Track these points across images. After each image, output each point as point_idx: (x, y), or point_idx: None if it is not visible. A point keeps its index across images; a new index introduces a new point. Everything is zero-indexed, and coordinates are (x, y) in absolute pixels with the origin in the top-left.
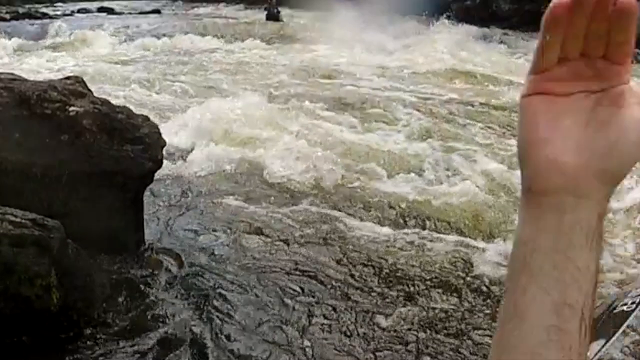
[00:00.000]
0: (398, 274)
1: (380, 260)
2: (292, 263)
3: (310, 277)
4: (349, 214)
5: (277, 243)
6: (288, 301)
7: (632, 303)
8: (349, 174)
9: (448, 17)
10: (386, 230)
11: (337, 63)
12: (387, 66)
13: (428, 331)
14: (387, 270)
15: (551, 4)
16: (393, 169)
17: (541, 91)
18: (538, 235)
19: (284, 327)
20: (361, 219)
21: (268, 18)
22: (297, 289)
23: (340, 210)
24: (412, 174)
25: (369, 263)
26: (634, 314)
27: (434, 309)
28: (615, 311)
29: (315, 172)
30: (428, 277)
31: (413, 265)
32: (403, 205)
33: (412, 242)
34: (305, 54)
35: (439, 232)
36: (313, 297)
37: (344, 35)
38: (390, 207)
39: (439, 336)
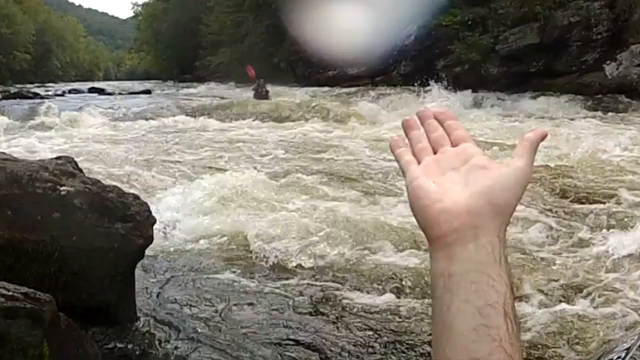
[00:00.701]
0: (400, 342)
1: (381, 328)
2: (287, 333)
3: (305, 346)
4: (351, 287)
5: (272, 313)
6: None
7: (618, 357)
8: (351, 248)
9: (438, 84)
10: (389, 298)
11: (330, 137)
12: (381, 138)
13: None
14: (387, 338)
15: (390, 140)
16: (398, 242)
17: (419, 176)
18: (451, 264)
19: None
20: (362, 291)
21: (256, 97)
22: (293, 357)
23: (340, 283)
24: (418, 245)
25: (368, 331)
26: None
27: None
28: None
29: (313, 245)
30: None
31: (416, 334)
32: (408, 275)
33: (414, 310)
34: (297, 130)
35: None
36: None
37: (335, 110)
38: (395, 277)
39: None
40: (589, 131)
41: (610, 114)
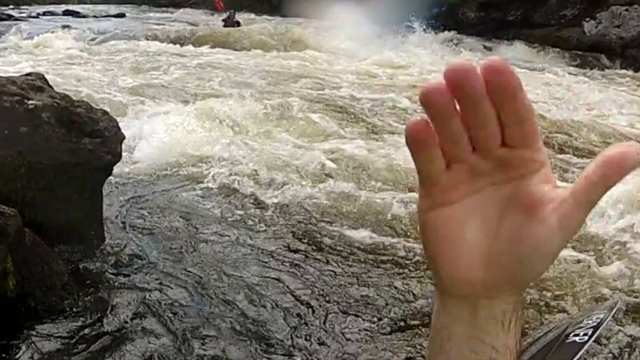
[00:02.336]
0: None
1: (369, 265)
2: (257, 263)
3: (277, 279)
4: (331, 223)
5: (242, 243)
6: (245, 293)
7: (585, 335)
8: (333, 183)
9: (411, 21)
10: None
11: (312, 69)
12: (359, 71)
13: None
14: (377, 278)
15: (407, 126)
16: (391, 180)
17: (437, 205)
18: (454, 324)
19: (242, 321)
20: (349, 228)
21: (226, 26)
22: (260, 282)
23: (321, 220)
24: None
25: (354, 267)
26: (585, 347)
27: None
28: (567, 341)
29: (295, 180)
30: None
31: (408, 274)
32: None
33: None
34: (272, 59)
35: None
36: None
37: (315, 42)
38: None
39: None
40: (578, 86)
41: (592, 71)
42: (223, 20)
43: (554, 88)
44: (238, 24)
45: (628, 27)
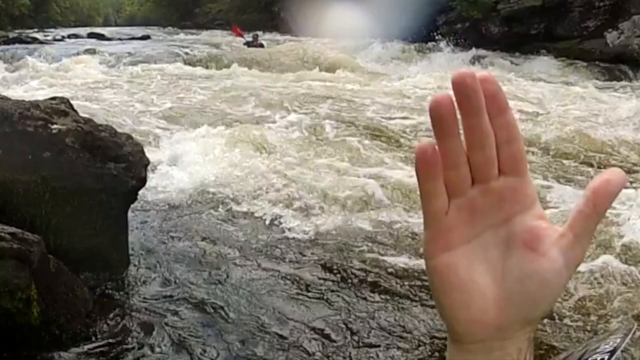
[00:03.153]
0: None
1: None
2: (289, 286)
3: (306, 306)
4: (368, 251)
5: (269, 271)
6: (283, 322)
7: None
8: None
9: (437, 41)
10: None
11: (342, 90)
12: (389, 92)
13: None
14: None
15: (417, 149)
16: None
17: (443, 249)
18: None
19: (269, 351)
20: (385, 255)
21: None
22: (290, 310)
23: (350, 249)
24: None
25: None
26: None
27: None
28: None
29: (331, 208)
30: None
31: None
32: None
33: None
34: (300, 80)
35: None
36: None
37: (337, 60)
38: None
39: None
40: (610, 99)
41: (620, 82)
42: (245, 44)
43: (588, 102)
44: (262, 45)
45: None
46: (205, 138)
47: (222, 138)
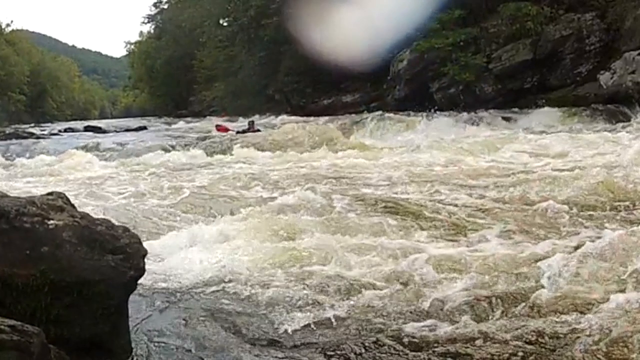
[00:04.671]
0: None
1: None
2: None
3: None
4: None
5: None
6: None
7: None
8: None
9: (432, 109)
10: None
11: (342, 164)
12: (394, 164)
13: None
14: None
15: None
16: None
17: None
18: None
19: None
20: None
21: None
22: None
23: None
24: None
25: None
26: None
27: None
28: None
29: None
30: None
31: None
32: None
33: None
34: (303, 160)
35: None
36: None
37: (327, 138)
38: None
39: None
40: (620, 142)
41: (619, 124)
42: (239, 132)
43: (602, 149)
44: (259, 131)
45: None
46: (214, 225)
47: (234, 224)
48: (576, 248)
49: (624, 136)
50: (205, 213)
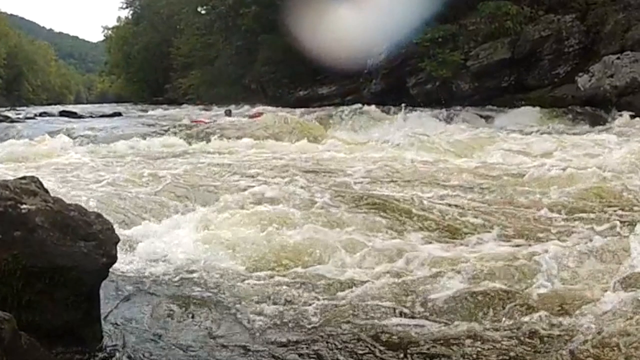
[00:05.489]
0: None
1: None
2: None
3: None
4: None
5: (250, 347)
6: None
7: None
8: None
9: (408, 104)
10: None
11: (308, 157)
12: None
13: None
14: None
15: None
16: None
17: None
18: None
19: None
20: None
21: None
22: None
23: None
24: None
25: None
26: None
27: None
28: None
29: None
30: None
31: None
32: None
33: None
34: (280, 150)
35: None
36: None
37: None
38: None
39: None
40: (601, 144)
41: (591, 127)
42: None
43: (589, 150)
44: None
45: (621, 75)
46: (191, 214)
47: (212, 214)
48: (567, 249)
49: (608, 138)
50: (182, 201)
